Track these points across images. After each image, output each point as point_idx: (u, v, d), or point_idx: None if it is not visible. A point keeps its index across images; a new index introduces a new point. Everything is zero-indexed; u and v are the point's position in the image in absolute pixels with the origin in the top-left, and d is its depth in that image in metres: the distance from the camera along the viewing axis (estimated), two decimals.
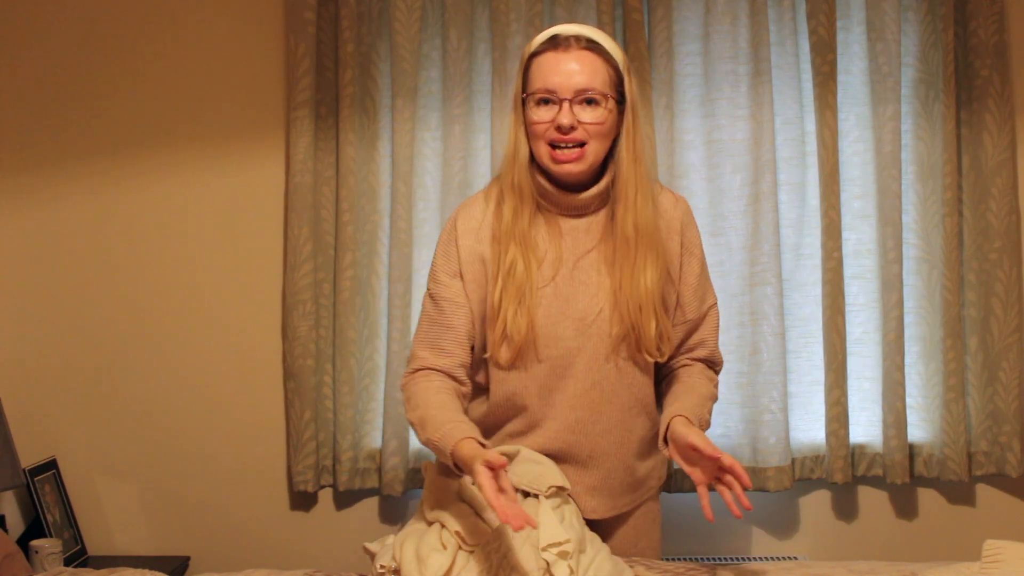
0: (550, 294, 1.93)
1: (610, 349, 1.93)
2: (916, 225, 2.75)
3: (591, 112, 1.85)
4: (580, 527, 1.84)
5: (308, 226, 2.73)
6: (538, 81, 1.87)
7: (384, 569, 1.77)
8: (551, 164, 1.88)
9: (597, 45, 1.88)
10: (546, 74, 1.86)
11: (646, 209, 1.91)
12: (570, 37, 1.88)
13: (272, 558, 2.77)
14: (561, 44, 1.87)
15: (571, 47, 1.86)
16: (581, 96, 1.85)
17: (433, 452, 1.86)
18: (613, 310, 1.92)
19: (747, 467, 2.72)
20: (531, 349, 1.92)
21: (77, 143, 2.83)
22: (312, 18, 2.72)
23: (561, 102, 1.84)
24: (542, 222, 1.95)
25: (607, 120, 1.87)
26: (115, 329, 2.84)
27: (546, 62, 1.87)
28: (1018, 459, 2.69)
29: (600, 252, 1.94)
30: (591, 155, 1.88)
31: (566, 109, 1.84)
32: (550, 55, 1.87)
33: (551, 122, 1.85)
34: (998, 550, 1.73)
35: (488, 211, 1.97)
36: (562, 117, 1.84)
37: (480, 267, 1.96)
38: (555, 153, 1.87)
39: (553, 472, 1.91)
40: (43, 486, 2.68)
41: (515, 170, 1.91)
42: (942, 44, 2.67)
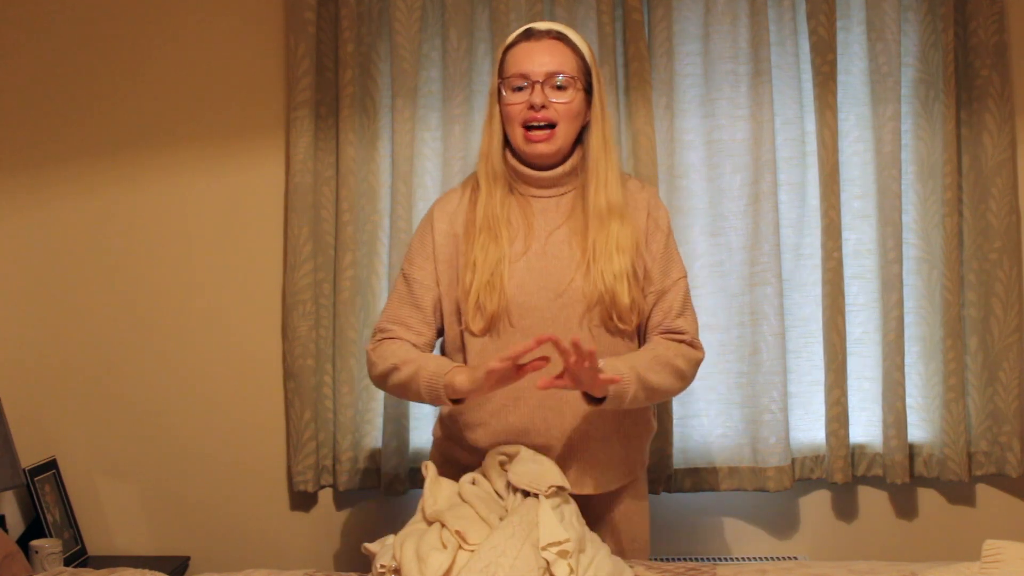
0: (523, 267, 2.05)
1: (584, 317, 2.03)
2: (916, 225, 2.74)
3: (561, 94, 2.02)
4: (580, 527, 1.84)
5: (308, 226, 2.73)
6: (512, 67, 2.04)
7: (384, 569, 1.78)
8: (524, 145, 2.04)
9: (566, 37, 2.06)
10: (520, 61, 2.03)
11: (616, 187, 2.06)
12: (542, 30, 2.07)
13: (272, 558, 2.77)
14: (534, 36, 2.06)
15: (543, 38, 2.05)
16: (552, 79, 2.01)
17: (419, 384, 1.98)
18: (586, 279, 2.02)
19: (747, 467, 2.72)
20: (505, 319, 2.03)
21: (77, 143, 2.83)
22: (312, 18, 2.72)
23: (533, 84, 2.01)
24: (515, 203, 2.09)
25: (575, 101, 2.03)
26: (115, 329, 2.84)
27: (520, 51, 2.05)
28: (1018, 459, 2.69)
29: (570, 227, 2.07)
30: (560, 137, 2.04)
31: (538, 90, 2.01)
32: (523, 45, 2.05)
33: (525, 103, 2.02)
34: (998, 550, 1.73)
35: (464, 198, 2.14)
36: (534, 97, 2.00)
37: (454, 246, 2.10)
38: (528, 134, 2.03)
39: (553, 472, 1.91)
40: (43, 486, 2.68)
41: (490, 156, 2.08)
42: (942, 44, 2.67)
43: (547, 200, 2.09)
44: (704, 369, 2.72)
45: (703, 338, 2.71)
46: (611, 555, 1.87)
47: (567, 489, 1.89)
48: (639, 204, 2.12)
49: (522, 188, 2.10)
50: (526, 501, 1.83)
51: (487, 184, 2.08)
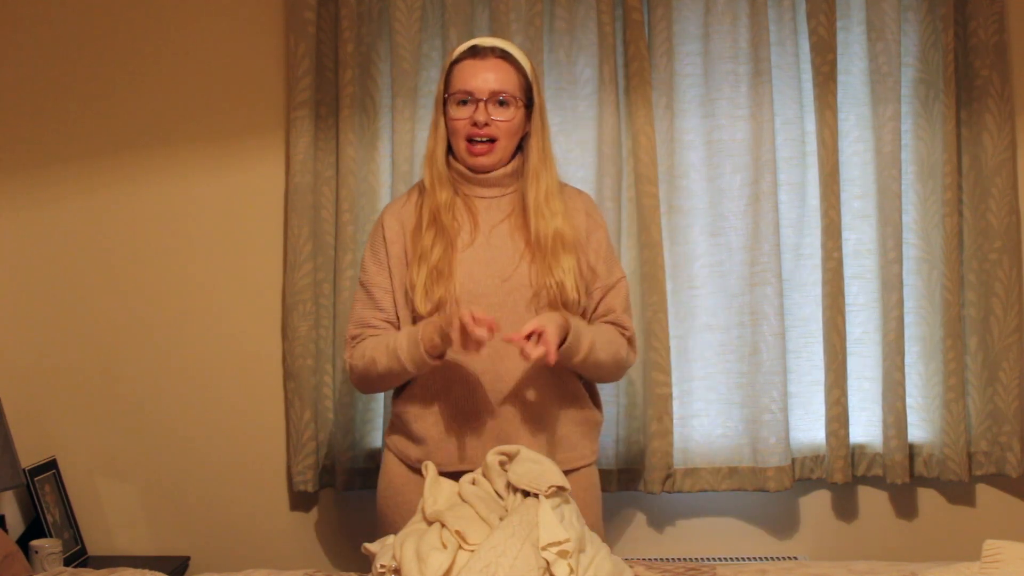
0: (470, 256, 2.17)
1: (531, 302, 2.12)
2: (916, 225, 2.74)
3: (503, 112, 2.14)
4: (580, 526, 1.84)
5: (308, 226, 2.73)
6: (458, 83, 2.15)
7: (384, 569, 1.77)
8: (467, 156, 2.17)
9: (509, 55, 2.17)
10: (466, 78, 2.14)
11: (554, 192, 2.18)
12: (487, 48, 2.17)
13: (272, 558, 2.77)
14: (479, 53, 2.16)
15: (488, 56, 2.15)
16: (495, 97, 2.12)
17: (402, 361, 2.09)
18: (531, 269, 2.15)
19: (747, 467, 2.72)
20: (453, 304, 2.12)
21: (77, 143, 2.83)
22: (312, 18, 2.72)
23: (478, 102, 2.12)
24: (460, 203, 2.21)
25: (515, 118, 2.15)
26: (115, 329, 2.84)
27: (466, 68, 2.15)
28: (1018, 459, 2.69)
29: (511, 222, 2.20)
30: (500, 150, 2.16)
31: (482, 108, 2.12)
32: (469, 62, 2.16)
33: (468, 119, 2.13)
34: (998, 550, 1.73)
35: (410, 201, 2.26)
36: (478, 115, 2.12)
37: (403, 244, 2.21)
38: (471, 147, 2.15)
39: (553, 472, 1.91)
40: (43, 486, 2.68)
41: (435, 160, 2.19)
42: (942, 44, 2.67)
43: (489, 200, 2.21)
44: (704, 369, 2.75)
45: (703, 338, 2.74)
46: (611, 555, 1.87)
47: (567, 489, 1.89)
48: (577, 206, 2.24)
49: (466, 188, 2.21)
50: (526, 501, 1.83)
51: (432, 185, 2.19)
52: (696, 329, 2.73)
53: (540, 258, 2.14)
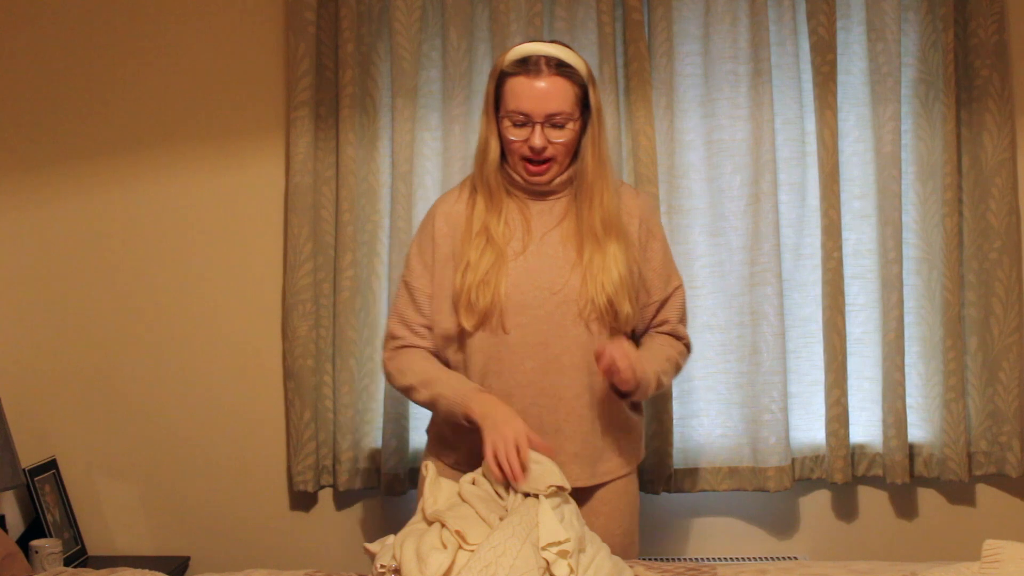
0: (520, 266, 2.11)
1: (578, 317, 2.08)
2: (916, 225, 2.74)
3: (559, 133, 2.07)
4: (580, 526, 1.85)
5: (308, 226, 2.73)
6: (512, 103, 2.06)
7: (384, 569, 1.78)
8: (523, 172, 2.11)
9: (565, 67, 2.06)
10: (520, 98, 2.05)
11: (611, 202, 2.11)
12: (540, 60, 2.05)
13: (272, 558, 2.77)
14: (532, 69, 2.05)
15: (542, 72, 2.05)
16: (552, 119, 2.05)
17: (439, 409, 2.09)
18: (582, 283, 2.08)
19: (747, 467, 2.72)
20: (498, 316, 2.08)
21: (77, 143, 2.83)
22: (312, 18, 2.72)
23: (534, 125, 2.05)
24: (513, 205, 2.15)
25: (572, 136, 2.09)
26: (115, 329, 2.84)
27: (519, 86, 2.05)
28: (1018, 459, 2.69)
29: (563, 229, 2.14)
30: (557, 167, 2.11)
31: (538, 131, 2.05)
32: (523, 80, 2.05)
33: (525, 141, 2.07)
34: (998, 550, 1.73)
35: (462, 199, 2.19)
36: (535, 139, 2.06)
37: (450, 247, 2.16)
38: (528, 167, 2.10)
39: (553, 472, 1.91)
40: (43, 486, 2.68)
41: (486, 167, 2.12)
42: (942, 44, 2.67)
43: (542, 204, 2.16)
44: (704, 369, 2.75)
45: (703, 338, 2.74)
46: (611, 555, 1.87)
47: (567, 489, 1.89)
48: (632, 212, 2.18)
49: (518, 194, 2.16)
50: (526, 501, 1.83)
51: (484, 189, 2.14)
52: (696, 329, 2.73)
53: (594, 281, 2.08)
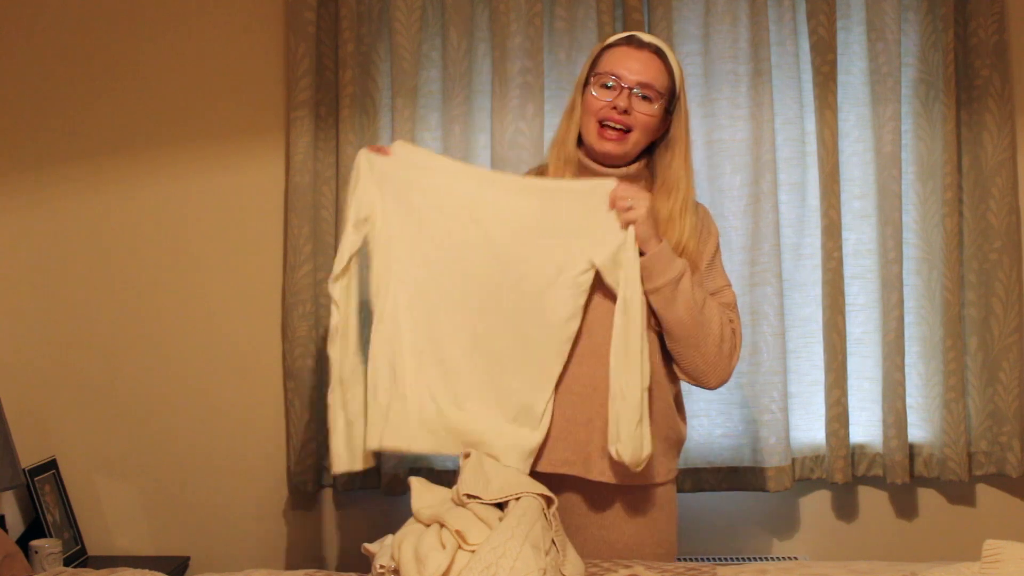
0: None
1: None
2: (916, 225, 2.75)
3: (645, 105, 2.05)
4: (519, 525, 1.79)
5: (308, 226, 2.73)
6: (607, 65, 2.07)
7: (383, 569, 1.77)
8: (596, 140, 2.07)
9: (663, 54, 2.09)
10: (616, 62, 2.06)
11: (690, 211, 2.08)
12: (645, 41, 2.09)
13: (272, 558, 2.77)
14: (635, 43, 2.09)
15: (644, 48, 2.08)
16: (642, 88, 2.04)
17: None
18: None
19: (747, 467, 2.72)
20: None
21: (77, 143, 2.83)
22: (312, 18, 2.72)
23: (622, 88, 2.04)
24: None
25: (656, 115, 2.06)
26: (115, 329, 2.84)
27: (619, 52, 2.08)
28: (1018, 459, 2.69)
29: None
30: (631, 142, 2.06)
31: (625, 94, 2.03)
32: (624, 48, 2.08)
33: (609, 102, 2.04)
34: (998, 550, 1.73)
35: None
36: (619, 100, 2.03)
37: None
38: (602, 131, 2.06)
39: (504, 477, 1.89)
40: (43, 486, 2.68)
41: (566, 143, 2.12)
42: (942, 44, 2.67)
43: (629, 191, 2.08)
44: None
45: None
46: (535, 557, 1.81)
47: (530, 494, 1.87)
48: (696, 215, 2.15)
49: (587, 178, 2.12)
50: (520, 501, 1.83)
51: (557, 169, 2.12)
52: None
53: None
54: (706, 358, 2.03)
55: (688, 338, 2.02)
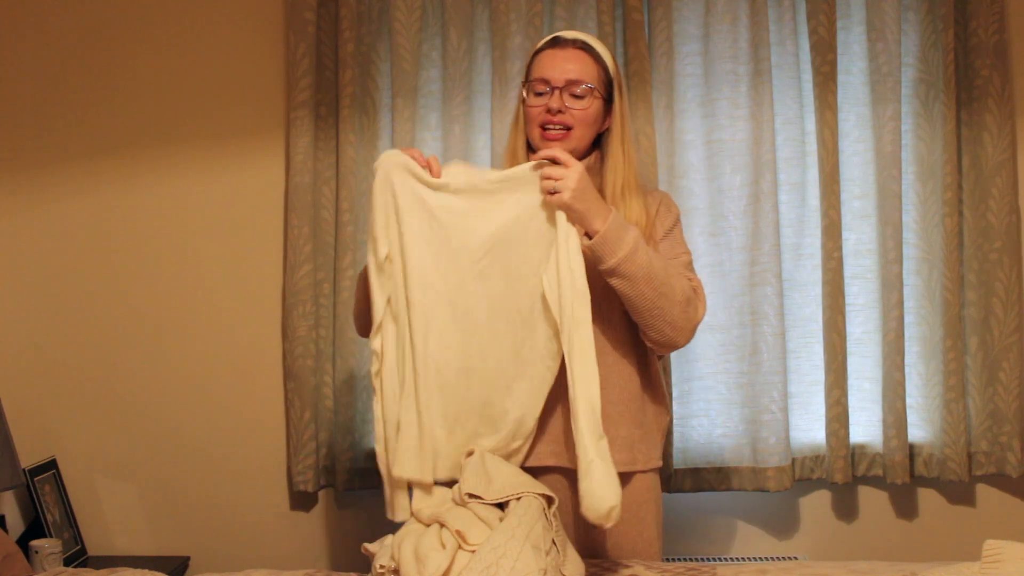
0: None
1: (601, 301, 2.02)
2: (916, 225, 2.75)
3: (578, 102, 2.07)
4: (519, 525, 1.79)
5: (308, 226, 2.73)
6: (536, 71, 2.10)
7: (383, 569, 1.77)
8: (540, 143, 2.09)
9: (589, 47, 2.11)
10: (543, 67, 2.09)
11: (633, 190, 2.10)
12: (568, 39, 2.12)
13: (272, 558, 2.77)
14: (559, 43, 2.11)
15: (568, 46, 2.10)
16: (571, 87, 2.06)
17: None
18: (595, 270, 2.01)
19: (747, 467, 2.72)
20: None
21: (77, 143, 2.84)
22: (312, 18, 2.72)
23: (553, 90, 2.06)
24: None
25: (591, 108, 2.08)
26: (115, 329, 2.84)
27: (545, 58, 2.11)
28: (1018, 459, 2.69)
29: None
30: (575, 139, 2.08)
31: (556, 96, 2.06)
32: (548, 52, 2.11)
33: (544, 107, 2.07)
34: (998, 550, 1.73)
35: None
36: (552, 102, 2.06)
37: None
38: (545, 133, 2.08)
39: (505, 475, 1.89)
40: (43, 486, 2.68)
41: (515, 154, 2.14)
42: (942, 44, 2.67)
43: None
44: (704, 369, 2.75)
45: (703, 338, 2.73)
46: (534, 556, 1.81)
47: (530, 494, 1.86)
48: (656, 199, 2.16)
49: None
50: (521, 501, 1.83)
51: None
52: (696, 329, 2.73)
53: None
54: (673, 323, 2.00)
55: (652, 308, 1.98)
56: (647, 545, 2.13)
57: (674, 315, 1.99)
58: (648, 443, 2.11)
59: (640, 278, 1.94)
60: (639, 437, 2.09)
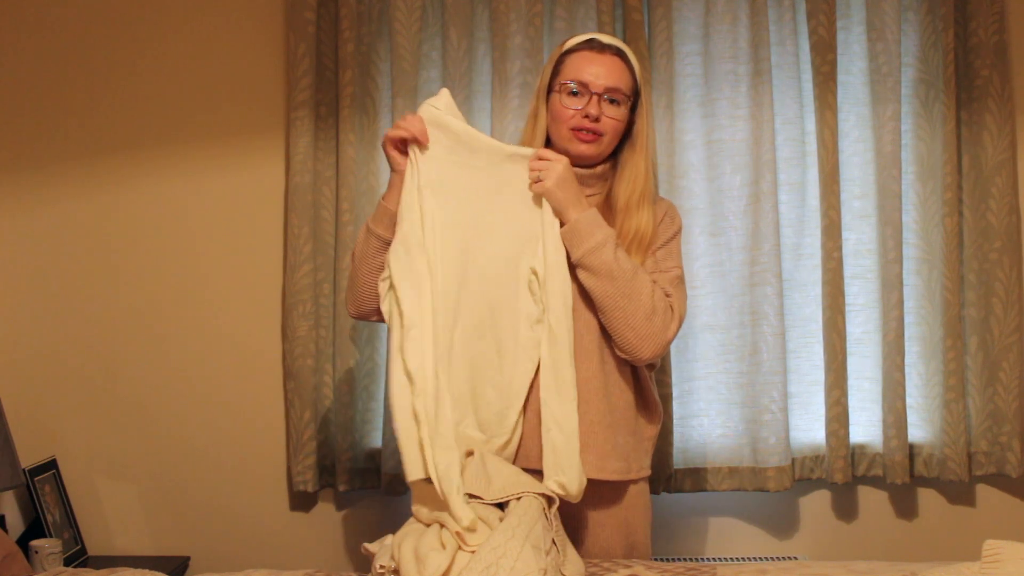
0: None
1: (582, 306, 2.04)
2: (916, 225, 2.75)
3: (614, 109, 2.08)
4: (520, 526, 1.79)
5: (308, 226, 2.73)
6: (572, 73, 2.08)
7: (383, 569, 1.77)
8: (571, 143, 2.08)
9: (624, 55, 2.12)
10: (581, 68, 2.07)
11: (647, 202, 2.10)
12: (606, 43, 2.11)
13: (272, 558, 2.77)
14: (596, 46, 2.10)
15: (605, 51, 2.09)
16: (610, 94, 2.06)
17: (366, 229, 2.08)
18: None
19: (747, 467, 2.72)
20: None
21: (77, 143, 2.84)
22: (312, 18, 2.72)
23: (591, 95, 2.05)
24: None
25: (624, 119, 2.10)
26: (115, 329, 2.84)
27: (582, 58, 2.09)
28: (1018, 459, 2.69)
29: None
30: (605, 145, 2.09)
31: (595, 102, 2.05)
32: (586, 54, 2.09)
33: (579, 111, 2.06)
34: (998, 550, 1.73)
35: None
36: (591, 108, 2.05)
37: None
38: (578, 134, 2.07)
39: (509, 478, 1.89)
40: (43, 486, 2.68)
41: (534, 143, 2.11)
42: (942, 44, 2.67)
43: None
44: (704, 369, 2.75)
45: (703, 338, 2.73)
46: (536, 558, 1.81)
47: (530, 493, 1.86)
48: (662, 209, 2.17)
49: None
50: (521, 501, 1.83)
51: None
52: (696, 329, 2.73)
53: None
54: (636, 329, 1.99)
55: (615, 309, 1.99)
56: (640, 552, 2.14)
57: (637, 321, 1.99)
58: (639, 451, 2.13)
59: (603, 273, 1.99)
60: (633, 445, 2.11)
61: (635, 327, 1.99)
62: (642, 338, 2.00)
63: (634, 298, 1.98)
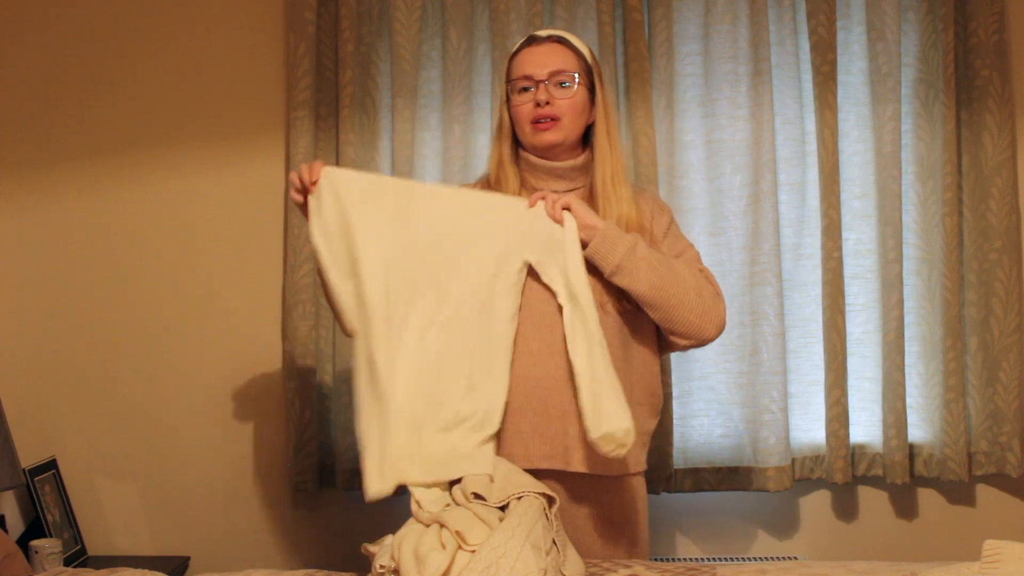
0: None
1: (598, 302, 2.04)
2: (916, 225, 2.75)
3: (564, 91, 2.09)
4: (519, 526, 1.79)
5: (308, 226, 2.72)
6: (517, 71, 2.12)
7: (383, 569, 1.77)
8: (532, 136, 2.10)
9: (566, 40, 2.14)
10: (523, 65, 2.11)
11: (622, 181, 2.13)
12: (543, 35, 2.15)
13: (272, 558, 2.77)
14: (535, 41, 2.14)
15: (544, 42, 2.13)
16: (555, 78, 2.08)
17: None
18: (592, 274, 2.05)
19: (747, 467, 2.72)
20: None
21: (77, 143, 2.84)
22: (312, 18, 2.72)
23: (538, 84, 2.08)
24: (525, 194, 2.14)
25: (577, 96, 2.09)
26: (115, 329, 2.84)
27: (523, 56, 2.13)
28: (1018, 459, 2.69)
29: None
30: (565, 127, 2.10)
31: (542, 88, 2.08)
32: (526, 50, 2.13)
33: (531, 102, 2.09)
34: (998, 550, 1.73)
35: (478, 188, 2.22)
36: (539, 95, 2.08)
37: None
38: (536, 126, 2.10)
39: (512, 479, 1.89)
40: (43, 486, 2.68)
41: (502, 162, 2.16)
42: (942, 44, 2.67)
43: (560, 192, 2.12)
44: (704, 369, 2.75)
45: None
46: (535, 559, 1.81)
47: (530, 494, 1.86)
48: (645, 198, 2.20)
49: (534, 182, 2.14)
50: (522, 501, 1.83)
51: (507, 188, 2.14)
52: None
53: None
54: (694, 310, 2.04)
55: (668, 299, 2.02)
56: (640, 546, 2.14)
57: (691, 300, 2.04)
58: (637, 445, 2.10)
59: (645, 269, 2.01)
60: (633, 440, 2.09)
61: (693, 308, 2.04)
62: (702, 316, 2.05)
63: (680, 283, 2.04)
